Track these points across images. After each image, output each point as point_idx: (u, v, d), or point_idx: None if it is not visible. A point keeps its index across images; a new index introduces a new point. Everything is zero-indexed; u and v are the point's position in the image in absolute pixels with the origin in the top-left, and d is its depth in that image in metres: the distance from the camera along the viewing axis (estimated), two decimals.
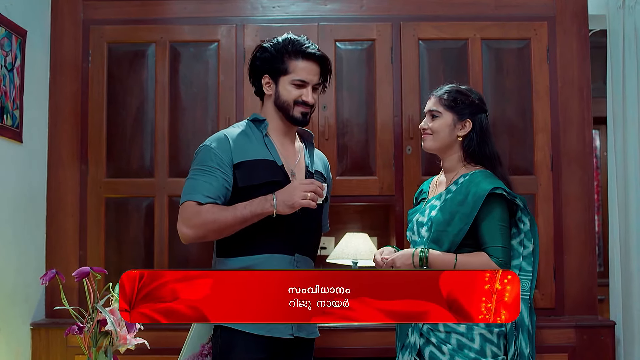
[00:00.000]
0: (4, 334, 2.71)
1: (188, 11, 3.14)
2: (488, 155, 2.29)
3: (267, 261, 2.15)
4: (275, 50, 2.23)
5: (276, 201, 2.08)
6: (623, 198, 3.15)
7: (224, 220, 2.09)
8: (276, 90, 2.25)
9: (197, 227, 2.11)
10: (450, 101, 2.29)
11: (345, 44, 3.13)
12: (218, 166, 2.16)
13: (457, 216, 2.18)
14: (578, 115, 3.08)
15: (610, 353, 2.89)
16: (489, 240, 2.17)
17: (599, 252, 4.76)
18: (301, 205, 2.08)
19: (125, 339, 2.08)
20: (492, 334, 2.17)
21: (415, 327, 2.21)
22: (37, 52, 3.01)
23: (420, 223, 2.30)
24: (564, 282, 3.02)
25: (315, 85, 2.26)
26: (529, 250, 2.25)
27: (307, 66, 2.22)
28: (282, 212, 2.08)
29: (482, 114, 2.30)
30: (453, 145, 2.30)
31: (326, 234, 3.37)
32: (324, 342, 2.85)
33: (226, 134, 2.24)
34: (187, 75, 3.12)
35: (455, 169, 2.31)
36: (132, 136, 3.10)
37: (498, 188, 2.17)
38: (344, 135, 3.10)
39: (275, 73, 2.24)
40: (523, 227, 2.25)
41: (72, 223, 3.06)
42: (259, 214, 2.09)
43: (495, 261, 2.15)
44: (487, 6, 3.14)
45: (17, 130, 2.85)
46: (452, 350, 2.15)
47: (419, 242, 2.29)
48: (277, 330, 2.13)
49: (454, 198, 2.22)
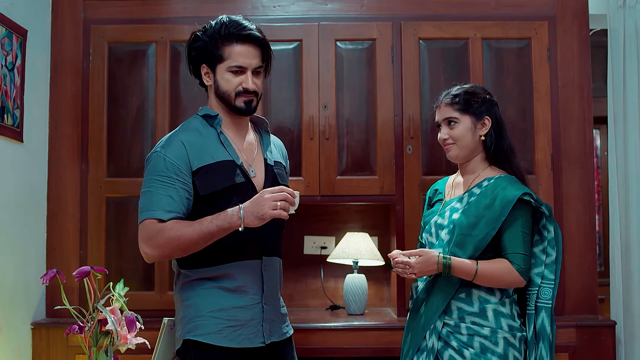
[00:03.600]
0: (5, 334, 2.71)
1: (188, 11, 3.14)
2: (505, 150, 2.26)
3: (233, 269, 2.06)
4: (208, 36, 2.09)
5: (244, 214, 1.92)
6: (624, 198, 3.15)
7: (189, 237, 1.95)
8: (215, 80, 2.10)
9: (161, 247, 1.97)
10: (463, 104, 2.24)
11: (345, 44, 3.13)
12: (176, 175, 2.01)
13: (483, 220, 2.14)
14: (578, 114, 3.08)
15: (610, 353, 2.89)
16: (510, 246, 2.14)
17: (600, 251, 4.76)
18: (272, 216, 1.93)
19: (125, 338, 2.08)
20: (515, 339, 2.15)
21: (434, 330, 2.17)
22: (37, 51, 3.01)
23: (439, 225, 2.25)
24: (565, 282, 3.02)
25: (257, 69, 2.10)
26: (552, 258, 2.20)
27: (243, 50, 2.06)
28: (250, 224, 1.93)
29: (495, 108, 2.27)
30: (477, 148, 2.26)
31: (326, 233, 3.39)
32: (323, 342, 2.85)
33: (180, 138, 2.07)
34: (188, 74, 3.08)
35: (477, 171, 2.27)
36: (133, 136, 3.10)
37: (526, 194, 2.14)
38: (344, 135, 3.10)
39: (211, 61, 2.09)
40: (547, 235, 2.21)
41: (73, 222, 3.06)
42: (225, 228, 1.95)
43: (517, 268, 2.12)
44: (487, 6, 3.14)
45: (18, 130, 2.85)
46: (475, 354, 2.11)
47: (437, 245, 2.23)
48: (247, 341, 2.04)
49: (479, 201, 2.17)
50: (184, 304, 2.09)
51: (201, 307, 2.05)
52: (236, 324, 2.04)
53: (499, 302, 2.16)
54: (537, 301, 2.18)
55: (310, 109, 3.08)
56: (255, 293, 2.08)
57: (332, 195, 3.05)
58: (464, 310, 2.16)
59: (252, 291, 2.08)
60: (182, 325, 2.08)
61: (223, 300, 2.05)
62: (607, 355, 2.89)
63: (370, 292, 3.32)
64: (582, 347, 2.88)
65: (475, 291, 2.17)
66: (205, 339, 2.03)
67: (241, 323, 2.05)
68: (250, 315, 2.06)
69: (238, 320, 2.05)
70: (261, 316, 2.08)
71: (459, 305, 2.17)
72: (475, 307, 2.16)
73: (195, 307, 2.06)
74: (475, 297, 2.16)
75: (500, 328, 2.13)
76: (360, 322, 2.95)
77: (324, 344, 2.85)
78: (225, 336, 2.03)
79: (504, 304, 2.17)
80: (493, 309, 2.15)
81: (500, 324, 2.14)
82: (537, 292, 2.19)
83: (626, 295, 3.12)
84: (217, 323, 2.04)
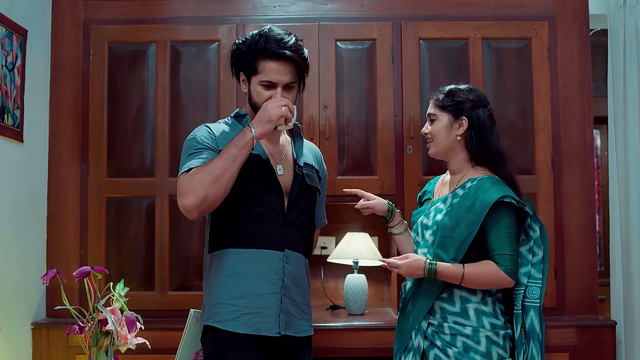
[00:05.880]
0: (5, 334, 2.71)
1: (188, 11, 3.14)
2: (490, 153, 2.25)
3: (256, 256, 2.12)
4: (246, 46, 2.14)
5: (253, 124, 2.04)
6: (624, 197, 3.15)
7: (214, 166, 2.01)
8: (249, 90, 2.17)
9: (196, 189, 1.99)
10: (444, 102, 2.27)
11: (345, 44, 3.13)
12: (206, 147, 2.11)
13: (464, 222, 2.15)
14: (579, 114, 3.08)
15: (611, 353, 2.89)
16: (497, 248, 2.14)
17: (600, 251, 4.76)
18: (279, 115, 2.04)
19: (126, 338, 2.08)
20: (498, 337, 2.16)
21: (419, 330, 2.20)
22: (37, 51, 3.01)
23: (424, 225, 2.28)
24: (565, 282, 3.02)
25: (290, 85, 2.15)
26: (539, 257, 2.21)
27: (275, 67, 2.11)
28: (262, 131, 2.03)
29: (479, 110, 2.25)
30: (454, 147, 2.27)
31: (326, 233, 3.38)
32: (323, 342, 2.85)
33: (208, 126, 2.19)
34: (188, 74, 3.12)
35: (462, 171, 2.28)
36: (133, 136, 3.10)
37: (507, 197, 2.14)
38: (344, 135, 3.10)
39: (247, 71, 2.16)
40: (533, 235, 2.22)
41: (73, 223, 3.06)
42: (243, 144, 2.03)
43: (504, 269, 2.13)
44: (487, 6, 3.14)
45: (18, 130, 2.85)
46: (458, 353, 2.13)
47: (422, 245, 2.27)
48: (264, 329, 2.10)
49: (461, 203, 2.19)
50: (206, 292, 2.19)
51: (221, 294, 2.13)
52: (253, 311, 2.10)
53: (480, 302, 2.18)
54: (525, 300, 2.20)
55: (310, 109, 3.08)
56: (275, 283, 2.13)
57: (332, 195, 3.04)
58: (446, 310, 2.19)
59: (271, 280, 2.13)
60: (204, 312, 2.18)
61: (242, 288, 2.12)
62: (607, 355, 2.89)
63: (371, 292, 3.32)
64: (582, 347, 2.88)
65: (456, 291, 2.19)
66: (222, 325, 2.10)
67: (258, 311, 2.11)
68: (268, 303, 2.12)
69: (255, 307, 2.11)
70: (279, 306, 2.13)
71: (442, 305, 2.19)
72: (457, 307, 2.18)
73: (216, 294, 2.14)
74: (457, 297, 2.19)
75: (482, 327, 2.15)
76: (360, 322, 2.95)
77: (324, 344, 2.84)
78: (242, 323, 2.09)
79: (485, 302, 2.18)
80: (474, 308, 2.17)
81: (482, 323, 2.16)
82: (524, 291, 2.20)
83: (626, 295, 3.12)
84: (234, 310, 2.10)
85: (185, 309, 2.31)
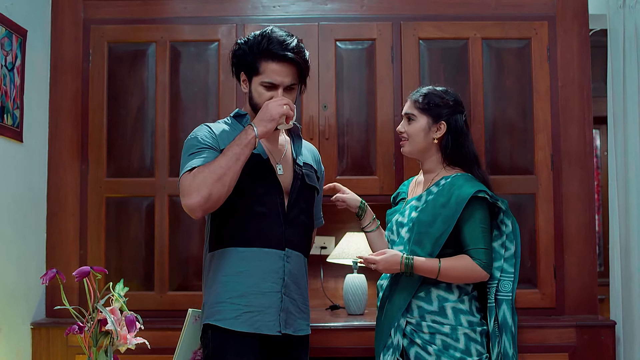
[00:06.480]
0: (5, 334, 2.72)
1: (188, 11, 3.14)
2: (465, 157, 2.30)
3: (257, 255, 2.13)
4: (248, 47, 2.14)
5: (254, 123, 2.05)
6: (623, 198, 3.15)
7: (217, 165, 2.01)
8: (250, 90, 2.18)
9: (200, 188, 2.00)
10: (424, 104, 2.29)
11: (345, 44, 3.13)
12: (207, 146, 2.11)
13: (440, 218, 2.19)
14: (578, 114, 3.08)
15: (610, 353, 2.89)
16: (471, 242, 2.19)
17: (599, 251, 4.76)
18: (281, 114, 2.05)
19: (125, 338, 2.08)
20: (476, 333, 2.20)
21: (398, 328, 2.23)
22: (37, 51, 3.01)
23: (399, 223, 2.32)
24: (565, 282, 3.02)
25: (291, 86, 2.15)
26: (511, 252, 2.26)
27: (277, 68, 2.11)
28: (264, 130, 2.05)
29: (457, 115, 2.30)
30: (430, 149, 2.31)
31: (326, 233, 3.38)
32: (323, 342, 2.85)
33: (209, 125, 2.20)
34: (188, 74, 3.12)
35: (435, 171, 2.33)
36: (133, 136, 3.10)
37: (481, 191, 2.19)
38: (344, 135, 3.10)
39: (248, 71, 2.16)
40: (505, 230, 2.27)
41: (73, 223, 3.06)
42: (245, 143, 2.04)
43: (478, 263, 2.17)
44: (487, 6, 3.14)
45: (18, 130, 2.85)
46: (438, 351, 2.17)
47: (398, 243, 2.30)
48: (265, 327, 2.11)
49: (435, 200, 2.23)
50: (206, 291, 2.19)
51: (222, 293, 2.13)
52: (254, 309, 2.11)
53: (457, 300, 2.21)
54: (497, 294, 2.24)
55: (310, 109, 3.08)
56: (275, 281, 2.14)
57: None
58: (424, 309, 2.22)
59: (272, 279, 2.14)
60: (204, 310, 2.18)
61: (243, 286, 2.12)
62: (607, 355, 2.88)
63: (370, 292, 3.31)
64: (582, 347, 2.88)
65: (434, 290, 2.22)
66: (223, 324, 2.10)
67: (259, 309, 2.11)
68: (268, 302, 2.13)
69: (256, 306, 2.11)
70: (279, 305, 2.14)
71: (419, 304, 2.22)
72: (434, 305, 2.21)
73: (217, 293, 2.14)
74: (434, 295, 2.22)
75: (460, 325, 2.19)
76: (360, 322, 2.95)
77: (324, 344, 2.84)
78: (243, 322, 2.10)
79: (462, 301, 2.22)
80: (452, 306, 2.20)
81: (460, 321, 2.19)
82: (496, 285, 2.24)
83: (626, 295, 3.12)
84: (235, 309, 2.11)
85: (185, 309, 2.31)
